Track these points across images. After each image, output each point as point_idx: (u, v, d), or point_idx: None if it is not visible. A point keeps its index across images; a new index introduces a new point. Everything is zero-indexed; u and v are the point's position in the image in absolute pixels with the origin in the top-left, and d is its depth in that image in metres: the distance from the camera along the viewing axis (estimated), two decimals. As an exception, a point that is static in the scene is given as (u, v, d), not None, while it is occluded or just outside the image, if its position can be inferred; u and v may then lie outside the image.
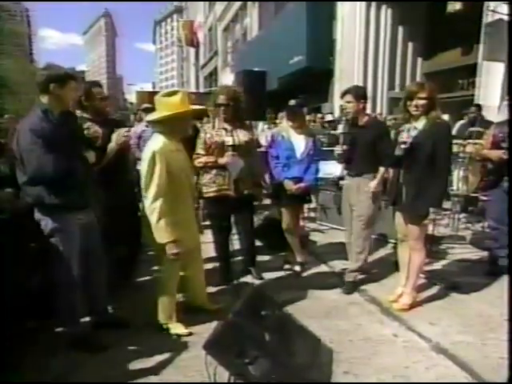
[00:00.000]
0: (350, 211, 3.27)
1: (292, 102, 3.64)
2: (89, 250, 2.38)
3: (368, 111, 3.50)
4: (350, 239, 3.33)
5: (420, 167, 2.72)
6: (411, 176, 2.77)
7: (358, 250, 3.23)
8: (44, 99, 2.16)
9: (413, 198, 2.76)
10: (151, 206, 2.36)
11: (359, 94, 3.15)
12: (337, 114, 8.45)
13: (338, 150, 3.20)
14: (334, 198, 4.84)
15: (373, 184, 3.11)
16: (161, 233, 2.38)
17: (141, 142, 4.01)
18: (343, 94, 3.20)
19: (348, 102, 3.14)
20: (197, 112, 2.84)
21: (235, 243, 3.42)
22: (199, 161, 3.14)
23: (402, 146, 2.73)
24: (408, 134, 2.74)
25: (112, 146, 2.79)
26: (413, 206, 2.77)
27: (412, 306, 2.91)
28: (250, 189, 3.25)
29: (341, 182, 3.42)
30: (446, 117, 7.91)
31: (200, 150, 3.16)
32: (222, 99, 3.14)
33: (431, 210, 2.73)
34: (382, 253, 4.14)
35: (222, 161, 3.11)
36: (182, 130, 2.56)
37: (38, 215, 2.22)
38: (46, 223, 2.21)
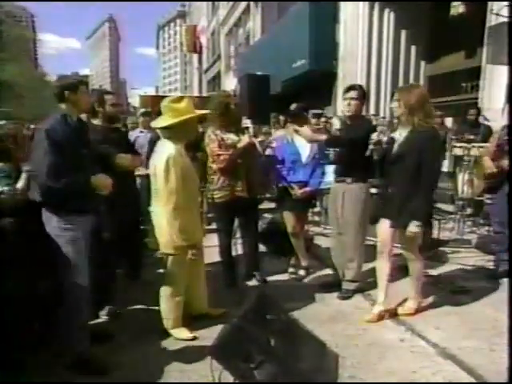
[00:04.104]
0: (336, 218, 3.19)
1: (293, 106, 3.65)
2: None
3: (371, 113, 3.48)
4: (335, 245, 3.29)
5: (402, 179, 2.60)
6: (395, 188, 2.68)
7: (348, 258, 3.17)
8: (62, 106, 2.26)
9: (396, 211, 2.65)
10: (170, 211, 2.38)
11: (364, 92, 3.08)
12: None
13: (330, 152, 3.16)
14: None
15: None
16: (181, 236, 2.41)
17: (136, 148, 4.02)
18: (348, 89, 3.08)
19: (352, 99, 3.02)
20: (202, 116, 2.89)
21: (239, 247, 3.41)
22: (222, 158, 3.06)
23: (370, 147, 2.63)
24: (380, 134, 2.63)
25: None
26: (397, 220, 2.67)
27: (417, 311, 2.88)
28: (258, 191, 3.26)
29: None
30: (449, 120, 7.93)
31: (218, 151, 3.09)
32: (235, 100, 3.16)
33: (418, 223, 2.54)
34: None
35: (243, 143, 3.08)
36: (189, 135, 2.59)
37: (45, 215, 2.23)
38: (52, 223, 2.20)
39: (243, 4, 17.40)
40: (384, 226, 2.79)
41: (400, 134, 2.68)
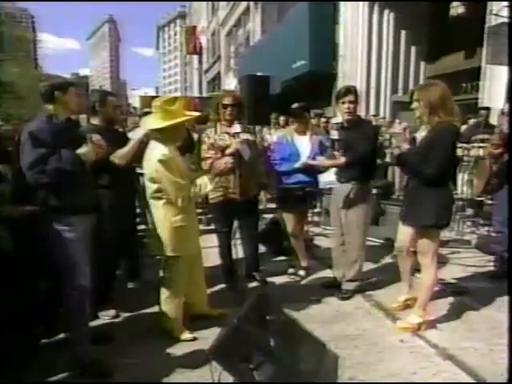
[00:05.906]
0: (339, 218, 3.18)
1: (295, 106, 3.65)
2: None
3: (371, 114, 3.47)
4: (337, 245, 3.29)
5: (418, 179, 2.54)
6: (409, 186, 2.66)
7: (352, 259, 3.16)
8: (49, 107, 2.23)
9: (408, 209, 2.63)
10: (165, 213, 2.41)
11: (358, 94, 3.07)
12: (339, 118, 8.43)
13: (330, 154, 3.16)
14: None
15: None
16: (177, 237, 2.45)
17: None
18: (346, 93, 3.02)
19: (351, 102, 3.00)
20: (198, 118, 2.89)
21: (239, 248, 3.41)
22: (208, 162, 3.05)
23: (389, 150, 2.66)
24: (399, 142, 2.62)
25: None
26: (408, 219, 2.64)
27: (419, 329, 2.65)
28: (254, 192, 3.25)
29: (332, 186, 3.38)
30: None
31: (206, 153, 3.12)
32: (228, 100, 3.14)
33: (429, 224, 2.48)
34: (387, 258, 4.10)
35: (230, 149, 3.04)
36: (179, 137, 2.58)
37: (44, 217, 2.22)
38: (51, 225, 2.20)
39: (243, 4, 17.41)
40: (404, 226, 2.75)
41: (421, 135, 2.60)
